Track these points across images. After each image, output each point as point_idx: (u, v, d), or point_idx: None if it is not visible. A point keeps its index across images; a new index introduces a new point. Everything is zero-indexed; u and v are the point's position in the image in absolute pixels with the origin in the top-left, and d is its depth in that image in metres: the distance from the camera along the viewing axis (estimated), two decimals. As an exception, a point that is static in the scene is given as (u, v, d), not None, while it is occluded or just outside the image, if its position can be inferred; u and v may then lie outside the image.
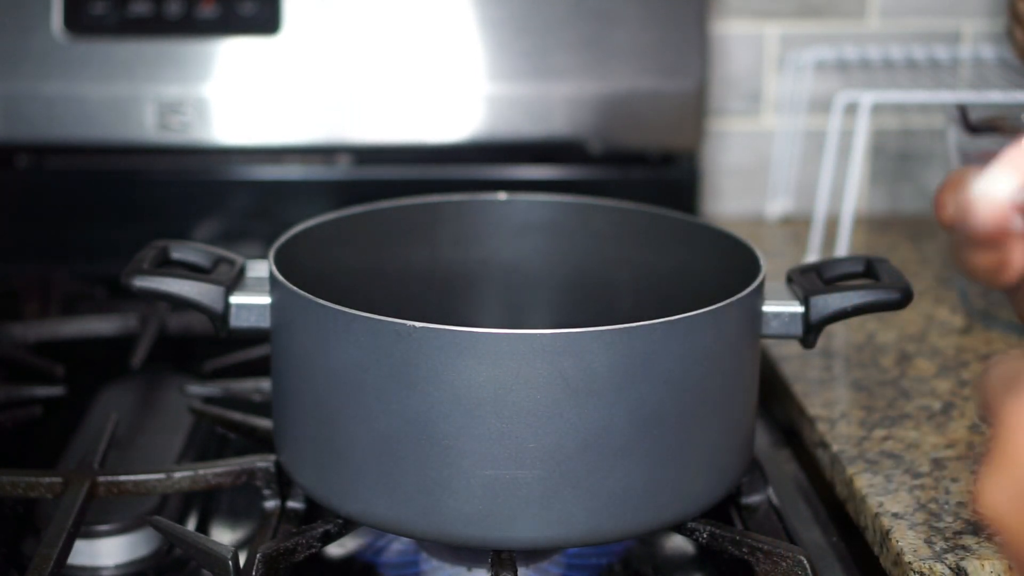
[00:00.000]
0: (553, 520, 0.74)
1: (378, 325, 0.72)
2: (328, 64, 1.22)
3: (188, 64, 1.22)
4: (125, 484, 0.83)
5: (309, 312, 0.75)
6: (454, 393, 0.72)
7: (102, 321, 1.10)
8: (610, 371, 0.72)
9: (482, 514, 0.73)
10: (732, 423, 0.79)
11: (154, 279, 0.80)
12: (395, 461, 0.73)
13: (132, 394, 1.02)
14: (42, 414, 0.97)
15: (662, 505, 0.76)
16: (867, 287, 0.82)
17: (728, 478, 0.79)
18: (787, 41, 1.36)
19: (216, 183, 1.26)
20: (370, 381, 0.73)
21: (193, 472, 0.83)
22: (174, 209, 1.26)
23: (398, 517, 0.75)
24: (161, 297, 0.80)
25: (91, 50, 1.21)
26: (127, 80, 1.21)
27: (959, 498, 0.82)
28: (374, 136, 1.24)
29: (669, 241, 0.92)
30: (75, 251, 1.25)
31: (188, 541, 0.77)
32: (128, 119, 1.22)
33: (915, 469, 0.86)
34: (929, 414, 0.94)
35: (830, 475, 0.89)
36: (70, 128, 1.21)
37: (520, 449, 0.72)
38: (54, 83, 1.21)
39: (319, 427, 0.77)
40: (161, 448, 0.93)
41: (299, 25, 1.22)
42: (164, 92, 1.22)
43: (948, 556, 0.76)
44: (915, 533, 0.78)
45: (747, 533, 0.78)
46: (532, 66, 1.23)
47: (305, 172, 1.27)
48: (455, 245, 0.95)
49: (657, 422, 0.74)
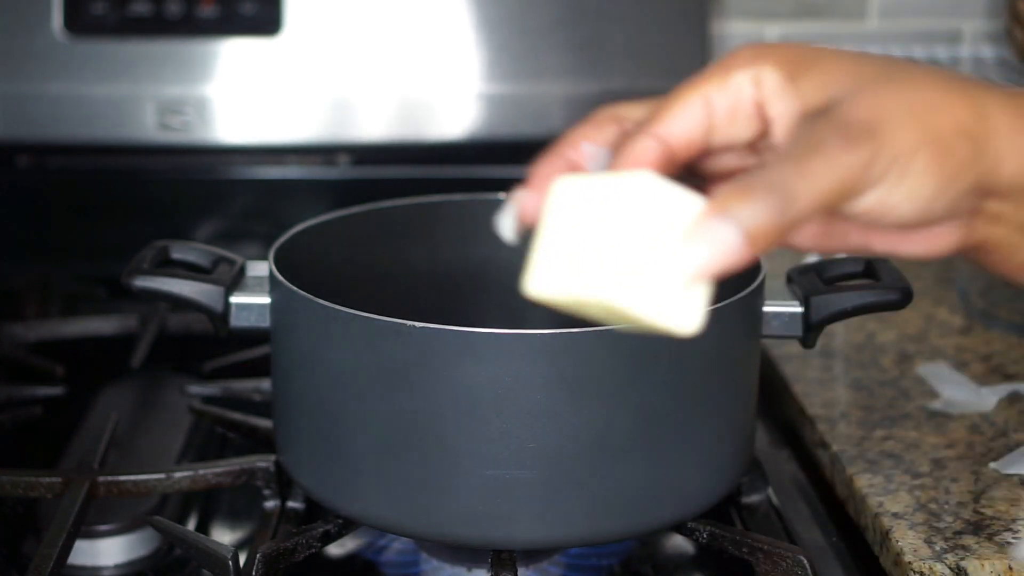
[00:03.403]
0: (553, 520, 0.74)
1: (378, 325, 0.72)
2: (328, 64, 1.22)
3: (188, 64, 1.21)
4: (125, 484, 0.83)
5: (309, 312, 0.75)
6: (454, 393, 0.72)
7: (102, 321, 1.10)
8: (610, 371, 0.72)
9: (482, 514, 0.73)
10: (732, 423, 0.79)
11: (154, 279, 0.80)
12: (395, 461, 0.73)
13: (132, 394, 1.02)
14: (42, 414, 0.97)
15: (662, 505, 0.76)
16: (867, 287, 0.82)
17: (728, 478, 0.79)
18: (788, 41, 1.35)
19: (216, 183, 1.26)
20: (370, 381, 0.73)
21: (193, 472, 0.83)
22: (174, 209, 1.26)
23: (398, 517, 0.75)
24: (161, 297, 0.80)
25: (91, 50, 1.21)
26: (127, 80, 1.21)
27: (959, 498, 0.82)
28: (374, 135, 1.24)
29: (669, 241, 0.92)
30: (75, 251, 1.25)
31: (188, 541, 0.77)
32: (128, 119, 1.22)
33: (915, 469, 0.86)
34: (929, 414, 0.94)
35: (830, 475, 0.89)
36: (70, 128, 1.21)
37: (520, 449, 0.72)
38: (54, 83, 1.21)
39: (319, 427, 0.76)
40: (161, 448, 0.93)
41: (300, 25, 1.22)
42: (164, 92, 1.22)
43: (948, 556, 0.76)
44: (915, 533, 0.78)
45: (747, 533, 0.78)
46: (531, 65, 1.22)
47: (305, 172, 1.27)
48: (455, 245, 0.94)
49: (657, 422, 0.74)
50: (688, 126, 0.50)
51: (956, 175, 0.49)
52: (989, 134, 0.50)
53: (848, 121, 0.48)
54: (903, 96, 0.49)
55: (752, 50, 0.51)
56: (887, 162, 0.48)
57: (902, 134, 0.48)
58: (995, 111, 0.50)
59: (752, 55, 0.51)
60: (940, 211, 0.50)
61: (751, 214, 0.45)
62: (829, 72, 0.50)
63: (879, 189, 0.48)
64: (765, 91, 0.50)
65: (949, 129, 0.49)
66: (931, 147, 0.48)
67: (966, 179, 0.50)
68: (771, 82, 0.50)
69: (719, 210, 0.46)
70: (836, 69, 0.50)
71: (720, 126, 0.51)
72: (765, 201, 0.46)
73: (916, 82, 0.50)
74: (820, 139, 0.47)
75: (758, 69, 0.50)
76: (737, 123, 0.51)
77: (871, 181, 0.48)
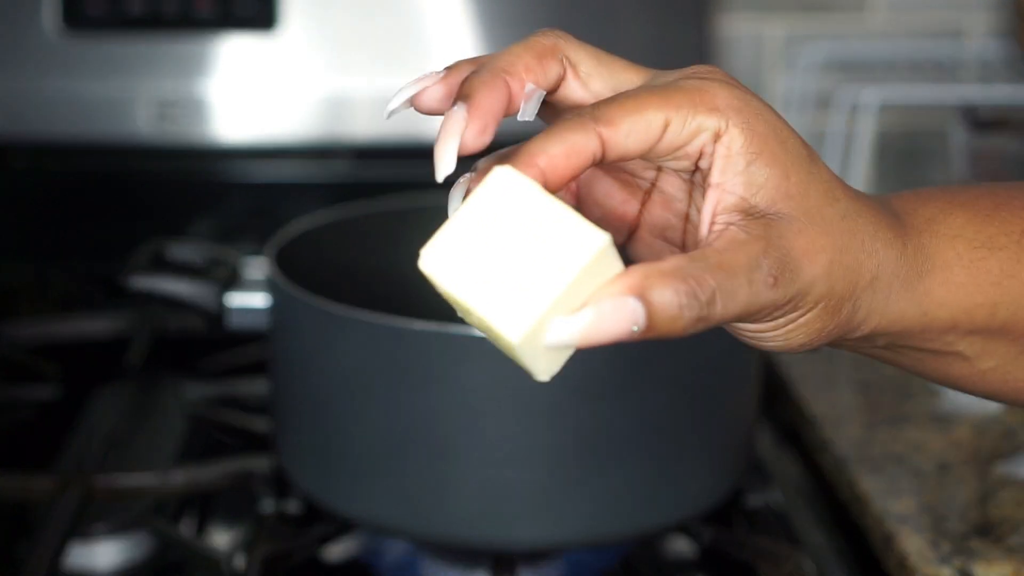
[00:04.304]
0: (553, 522, 0.73)
1: (378, 326, 0.72)
2: (325, 61, 1.22)
3: (185, 61, 1.21)
4: (121, 486, 0.82)
5: (308, 312, 0.75)
6: (454, 394, 0.71)
7: (98, 321, 1.10)
8: (610, 372, 0.72)
9: (482, 516, 0.73)
10: (733, 424, 0.78)
11: (150, 278, 0.80)
12: (395, 462, 0.73)
13: (128, 395, 1.02)
14: (38, 415, 0.97)
15: (662, 507, 0.75)
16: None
17: (729, 480, 0.79)
18: (790, 37, 1.35)
19: (213, 181, 1.25)
20: (369, 382, 0.73)
21: (189, 474, 0.83)
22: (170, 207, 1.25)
23: (398, 518, 0.74)
24: (157, 296, 0.80)
25: (87, 47, 1.20)
26: (123, 77, 1.21)
27: (965, 500, 0.81)
28: (373, 134, 1.24)
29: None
30: (71, 251, 1.24)
31: (184, 544, 0.76)
32: (124, 116, 1.21)
33: (919, 471, 0.85)
34: (933, 415, 0.93)
35: (833, 477, 0.89)
36: (66, 126, 1.21)
37: (520, 450, 0.72)
38: (50, 81, 1.20)
39: (318, 428, 0.76)
40: (158, 450, 0.93)
41: (295, 21, 1.21)
42: (160, 89, 1.21)
43: (954, 560, 0.75)
44: (920, 536, 0.77)
45: (749, 536, 0.78)
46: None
47: (303, 170, 1.26)
48: (455, 245, 0.94)
49: (657, 423, 0.73)
50: (636, 140, 0.47)
51: (830, 331, 0.49)
52: (868, 299, 0.50)
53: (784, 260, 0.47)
54: (833, 248, 0.48)
55: (730, 98, 0.48)
56: (800, 311, 0.48)
57: (820, 288, 0.48)
58: (883, 273, 0.50)
59: (726, 105, 0.48)
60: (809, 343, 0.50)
61: (668, 308, 0.44)
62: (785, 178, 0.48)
63: (778, 330, 0.49)
64: (719, 154, 0.48)
65: (847, 293, 0.49)
66: (829, 305, 0.48)
67: (835, 332, 0.50)
68: (730, 150, 0.48)
69: (638, 290, 0.44)
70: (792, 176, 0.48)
71: (662, 151, 0.49)
72: (688, 304, 0.44)
73: (849, 229, 0.49)
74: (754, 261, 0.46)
75: (726, 126, 0.48)
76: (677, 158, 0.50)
77: (774, 318, 0.48)
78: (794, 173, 0.49)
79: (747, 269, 0.46)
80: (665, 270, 0.45)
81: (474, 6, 1.22)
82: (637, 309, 0.44)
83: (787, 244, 0.47)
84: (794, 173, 0.49)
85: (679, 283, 0.45)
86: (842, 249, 0.49)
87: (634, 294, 0.44)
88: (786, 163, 0.49)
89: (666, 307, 0.44)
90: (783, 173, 0.48)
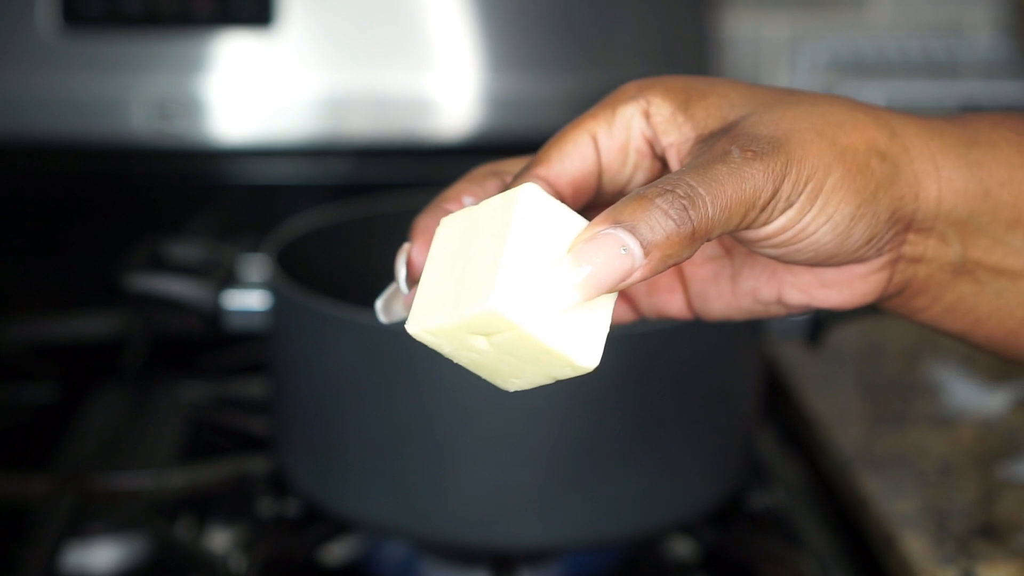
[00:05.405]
0: (553, 523, 0.73)
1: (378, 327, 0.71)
2: (324, 59, 1.22)
3: (182, 60, 1.21)
4: (118, 487, 0.82)
5: (307, 313, 0.74)
6: (453, 395, 0.71)
7: (95, 322, 1.10)
8: (610, 373, 0.71)
9: (482, 517, 0.73)
10: (734, 425, 0.78)
11: (147, 278, 0.80)
12: (394, 463, 0.73)
13: (126, 395, 1.02)
14: (35, 415, 0.97)
15: (663, 508, 0.75)
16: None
17: (730, 481, 0.79)
18: (792, 35, 1.35)
19: (210, 181, 1.25)
20: (369, 382, 0.73)
21: (187, 475, 0.83)
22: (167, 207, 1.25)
23: (397, 519, 0.74)
24: (154, 296, 0.80)
25: (84, 45, 1.20)
26: (120, 75, 1.20)
27: (968, 501, 0.81)
28: (372, 133, 1.23)
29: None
30: (68, 250, 1.24)
31: (181, 546, 0.76)
32: (121, 115, 1.21)
33: (922, 472, 0.85)
34: (936, 416, 0.93)
35: (835, 478, 0.89)
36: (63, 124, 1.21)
37: (520, 451, 0.71)
38: (47, 79, 1.20)
39: (317, 429, 0.76)
40: (155, 450, 0.93)
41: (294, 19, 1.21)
42: (158, 88, 1.21)
43: (957, 561, 0.75)
44: (923, 537, 0.77)
45: (751, 537, 0.78)
46: (532, 62, 1.22)
47: (302, 170, 1.26)
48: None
49: (658, 424, 0.73)
50: (576, 167, 0.47)
51: (873, 194, 0.46)
52: (903, 156, 0.47)
53: (752, 135, 0.45)
54: (808, 116, 0.46)
55: (639, 84, 0.48)
56: (797, 179, 0.45)
57: (812, 149, 0.45)
58: (907, 133, 0.48)
59: (639, 88, 0.48)
60: (859, 238, 0.47)
61: (648, 224, 0.42)
62: (724, 96, 0.47)
63: (791, 211, 0.45)
64: (655, 122, 0.48)
65: (860, 146, 0.46)
66: (843, 163, 0.45)
67: (883, 200, 0.47)
68: (661, 113, 0.47)
69: (610, 221, 0.42)
70: (731, 93, 0.47)
71: (612, 166, 0.49)
72: (663, 210, 0.42)
73: (818, 105, 0.47)
74: (724, 151, 0.44)
75: (646, 101, 0.48)
76: (629, 162, 0.49)
77: (781, 200, 0.45)
78: (733, 91, 0.48)
79: (720, 159, 0.44)
80: (634, 193, 0.43)
81: (476, 4, 1.21)
82: (617, 232, 0.42)
83: (751, 128, 0.46)
84: (733, 91, 0.48)
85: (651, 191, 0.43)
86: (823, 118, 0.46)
87: (608, 223, 0.43)
88: (720, 89, 0.48)
89: (644, 215, 0.42)
90: (721, 95, 0.48)
